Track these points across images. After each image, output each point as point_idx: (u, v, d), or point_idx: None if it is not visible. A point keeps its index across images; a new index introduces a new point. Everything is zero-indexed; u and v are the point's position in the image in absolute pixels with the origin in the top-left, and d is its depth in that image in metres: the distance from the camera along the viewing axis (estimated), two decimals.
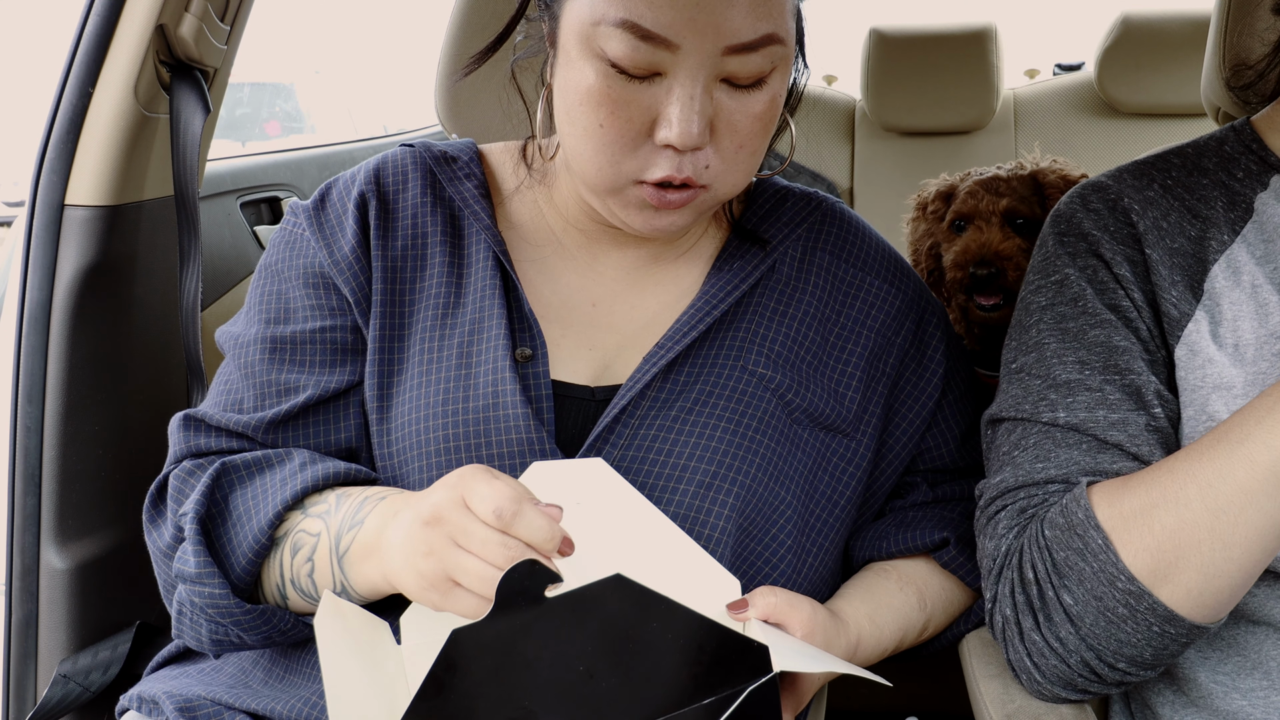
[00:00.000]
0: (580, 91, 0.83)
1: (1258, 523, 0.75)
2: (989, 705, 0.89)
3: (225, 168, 1.74)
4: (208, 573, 0.85)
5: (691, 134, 0.81)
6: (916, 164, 2.38)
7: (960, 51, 2.30)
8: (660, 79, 0.82)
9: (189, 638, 0.90)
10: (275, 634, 0.88)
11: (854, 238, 1.04)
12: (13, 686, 1.26)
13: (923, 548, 0.99)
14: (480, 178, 1.00)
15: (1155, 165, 0.94)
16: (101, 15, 1.21)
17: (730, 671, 0.73)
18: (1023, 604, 0.83)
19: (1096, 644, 0.80)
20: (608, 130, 0.83)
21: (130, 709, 0.96)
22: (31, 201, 1.23)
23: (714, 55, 0.81)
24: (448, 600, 0.73)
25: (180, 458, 0.94)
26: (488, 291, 0.94)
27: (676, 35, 0.80)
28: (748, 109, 0.84)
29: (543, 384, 0.92)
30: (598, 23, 0.81)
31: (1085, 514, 0.80)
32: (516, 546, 0.71)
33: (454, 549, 0.72)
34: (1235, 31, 0.97)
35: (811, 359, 0.98)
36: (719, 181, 0.87)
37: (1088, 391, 0.86)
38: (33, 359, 1.23)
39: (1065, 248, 0.92)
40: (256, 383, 0.94)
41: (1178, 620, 0.77)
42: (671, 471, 0.90)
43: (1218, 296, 0.87)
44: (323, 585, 0.85)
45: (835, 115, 2.48)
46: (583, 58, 0.83)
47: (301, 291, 0.96)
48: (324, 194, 0.99)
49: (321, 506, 0.87)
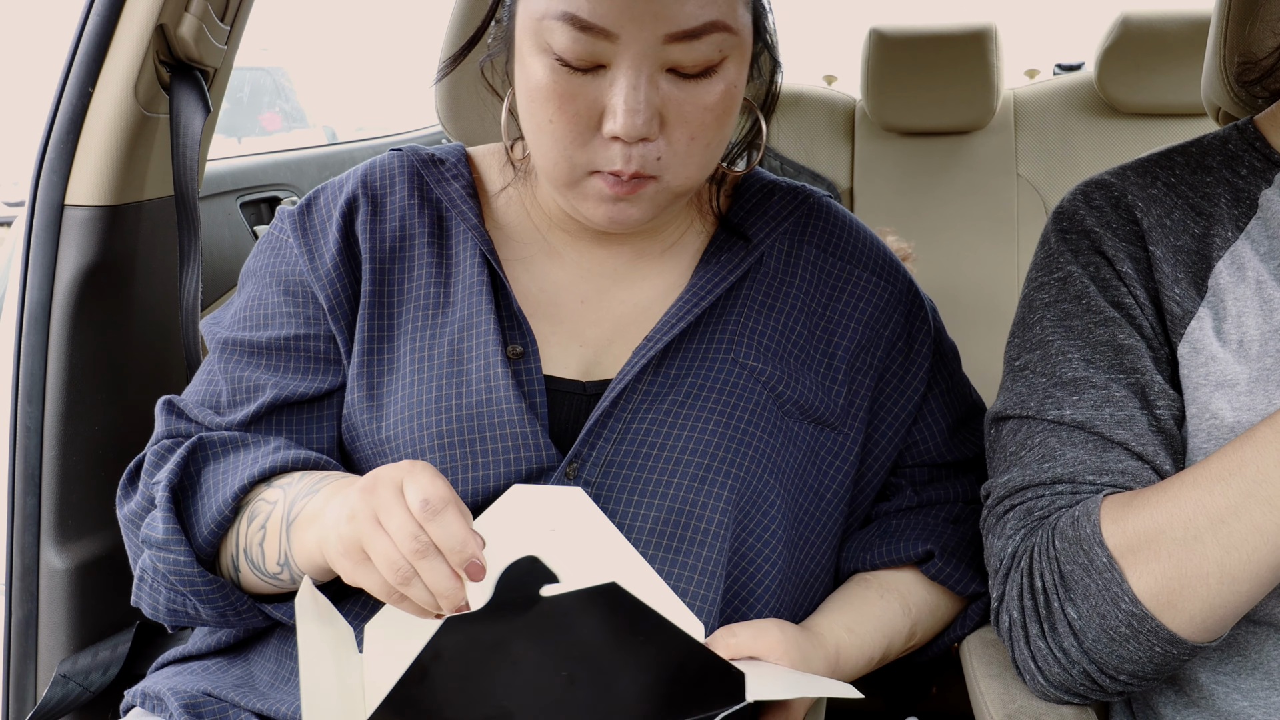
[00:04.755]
0: (531, 87, 0.85)
1: (1270, 560, 0.74)
2: (990, 705, 0.89)
3: (225, 168, 1.74)
4: (174, 540, 0.87)
5: (636, 125, 0.81)
6: (916, 164, 2.38)
7: (960, 51, 2.30)
8: (604, 71, 0.82)
9: (146, 605, 0.92)
10: (230, 611, 0.89)
11: (841, 231, 1.04)
12: (13, 686, 1.25)
13: (907, 560, 0.99)
14: (468, 178, 1.01)
15: (1159, 163, 0.94)
16: (101, 15, 1.21)
17: (707, 695, 0.73)
18: (1030, 610, 0.83)
19: (1098, 658, 0.80)
20: (557, 125, 0.84)
21: (135, 705, 0.96)
22: (31, 201, 1.23)
23: (655, 44, 0.81)
24: (357, 572, 0.74)
25: (159, 439, 0.96)
26: (475, 290, 0.95)
27: (615, 25, 0.80)
28: (698, 99, 0.84)
29: (535, 379, 0.93)
30: (542, 17, 0.82)
31: (1093, 529, 0.79)
32: (425, 542, 0.71)
33: (373, 523, 0.73)
34: (1245, 24, 0.96)
35: (799, 352, 0.98)
36: (671, 174, 0.86)
37: (1093, 389, 0.86)
38: (33, 359, 1.23)
39: (1068, 245, 0.92)
40: (230, 385, 0.96)
41: (1180, 643, 0.77)
42: (666, 465, 0.90)
43: (1222, 293, 0.86)
44: (270, 554, 0.86)
45: (835, 115, 2.48)
46: (532, 54, 0.84)
47: (280, 299, 0.97)
48: (311, 200, 1.01)
49: (285, 479, 0.89)
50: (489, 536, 0.76)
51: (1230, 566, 0.75)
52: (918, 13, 2.52)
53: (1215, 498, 0.75)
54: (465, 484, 0.89)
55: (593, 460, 0.90)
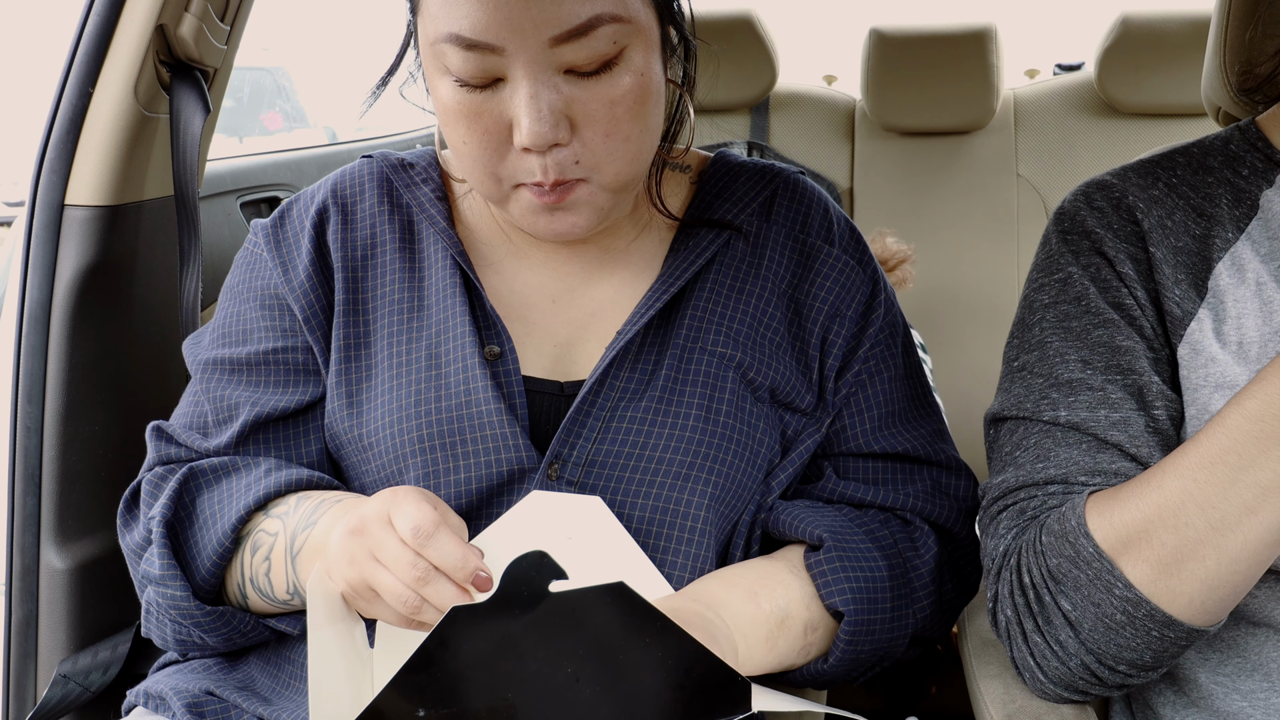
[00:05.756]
0: (442, 109, 0.85)
1: (1265, 536, 0.74)
2: (990, 705, 0.89)
3: (225, 167, 1.73)
4: (170, 575, 0.88)
5: (542, 133, 0.81)
6: (916, 164, 2.38)
7: (960, 51, 2.30)
8: (504, 84, 0.82)
9: (155, 636, 0.94)
10: (236, 635, 0.91)
11: (811, 207, 1.02)
12: (13, 686, 1.25)
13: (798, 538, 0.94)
14: (437, 182, 1.01)
15: (1160, 164, 0.94)
16: (101, 15, 1.21)
17: (712, 702, 0.73)
18: (1022, 607, 0.83)
19: (1096, 648, 0.80)
20: (470, 145, 0.84)
21: (137, 705, 0.97)
22: (31, 201, 1.23)
23: (542, 49, 0.80)
24: (373, 608, 0.77)
25: (152, 465, 0.97)
26: (449, 293, 0.95)
27: (498, 38, 0.79)
28: (603, 95, 0.83)
29: (514, 380, 0.93)
30: (434, 41, 0.82)
31: (1078, 521, 0.79)
32: (425, 568, 0.73)
33: (372, 561, 0.75)
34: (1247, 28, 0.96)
35: (772, 335, 0.97)
36: (597, 173, 0.85)
37: (1089, 391, 0.86)
38: (33, 359, 1.23)
39: (1068, 245, 0.92)
40: (214, 405, 0.97)
41: (1177, 625, 0.77)
42: (648, 465, 0.90)
43: (1222, 294, 0.86)
44: (278, 584, 0.88)
45: (835, 115, 2.48)
46: (436, 77, 0.85)
47: (258, 313, 0.98)
48: (284, 211, 1.01)
49: (282, 508, 0.89)
50: (505, 541, 0.76)
51: (1226, 547, 0.75)
52: (918, 13, 2.52)
53: (1201, 487, 0.75)
54: (447, 486, 0.89)
55: (574, 460, 0.90)
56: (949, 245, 2.32)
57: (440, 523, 0.74)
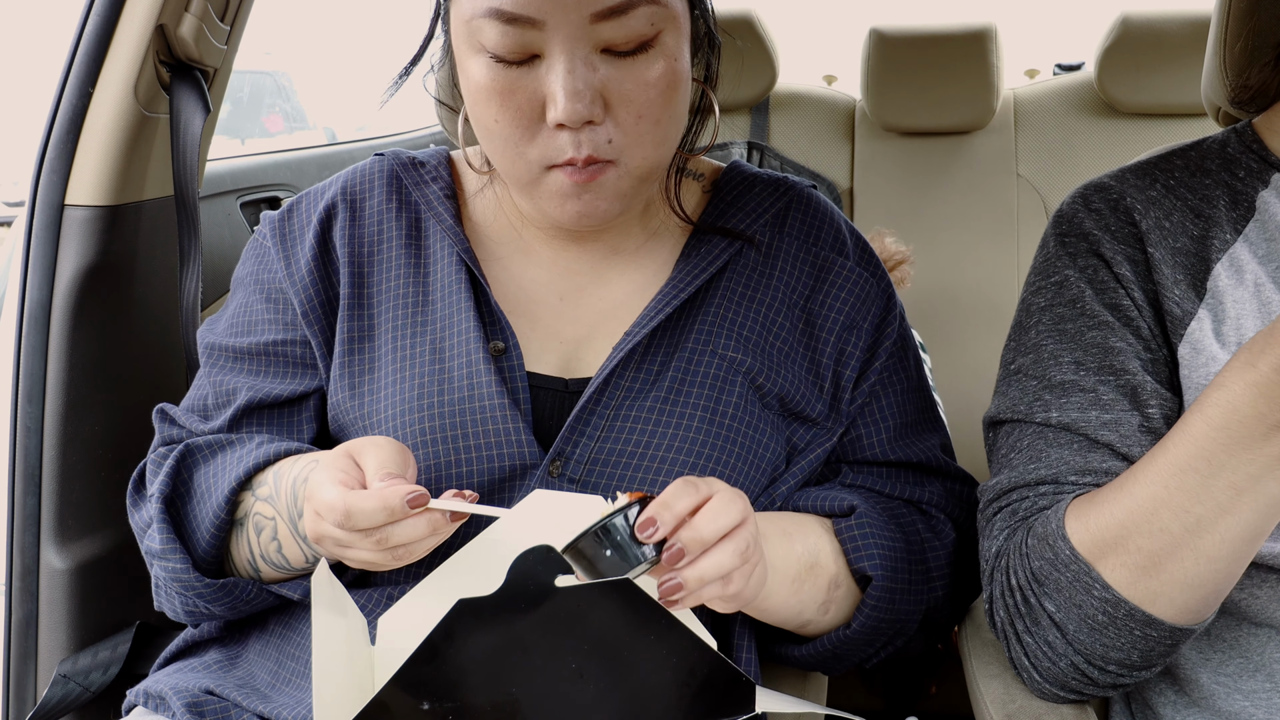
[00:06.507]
0: (473, 89, 0.85)
1: (1243, 533, 0.75)
2: (990, 705, 0.89)
3: (225, 168, 1.73)
4: (170, 549, 0.92)
5: (577, 109, 0.81)
6: (916, 164, 2.37)
7: (960, 51, 2.30)
8: (539, 61, 0.83)
9: (166, 608, 0.97)
10: (240, 604, 0.94)
11: (824, 221, 1.03)
12: (13, 686, 1.26)
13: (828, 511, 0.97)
14: (446, 180, 1.01)
15: (1158, 165, 0.94)
16: (101, 15, 1.21)
17: (716, 702, 0.73)
18: (1012, 608, 0.84)
19: (1083, 649, 0.80)
20: (503, 123, 0.85)
21: (137, 704, 0.97)
22: (31, 201, 1.23)
23: (582, 25, 0.81)
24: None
25: (156, 446, 1.01)
26: (454, 289, 0.96)
27: (539, 12, 0.80)
28: (638, 77, 0.84)
29: (518, 375, 0.93)
30: (471, 18, 0.83)
31: (1057, 524, 0.80)
32: (391, 551, 0.79)
33: (341, 549, 0.81)
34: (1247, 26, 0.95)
35: (782, 344, 0.98)
36: (626, 155, 0.86)
37: (1081, 392, 0.87)
38: (33, 359, 1.23)
39: (1066, 248, 0.92)
40: (214, 390, 1.00)
41: (1159, 624, 0.78)
42: (651, 464, 0.91)
43: (1221, 295, 0.87)
44: (293, 558, 0.92)
45: (835, 115, 2.48)
46: (469, 56, 0.85)
47: (263, 306, 1.00)
48: (293, 205, 1.03)
49: (265, 489, 0.92)
50: (508, 538, 0.76)
51: (1204, 547, 0.75)
52: (918, 13, 2.52)
53: (1173, 493, 0.75)
54: (449, 479, 0.90)
55: (576, 458, 0.91)
56: (949, 245, 2.32)
57: (341, 503, 0.77)
